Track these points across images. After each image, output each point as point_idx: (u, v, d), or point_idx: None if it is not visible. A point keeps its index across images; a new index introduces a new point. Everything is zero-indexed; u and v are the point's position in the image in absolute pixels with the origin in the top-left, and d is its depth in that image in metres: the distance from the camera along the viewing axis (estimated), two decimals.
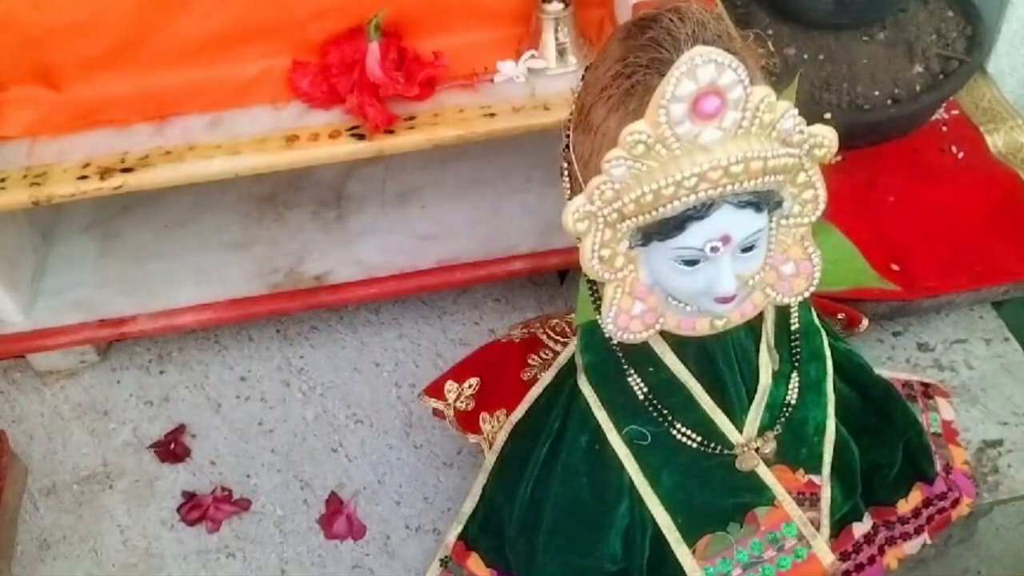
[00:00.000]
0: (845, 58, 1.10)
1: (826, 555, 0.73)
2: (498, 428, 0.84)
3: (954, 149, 1.14)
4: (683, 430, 0.69)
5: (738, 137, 0.52)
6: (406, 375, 1.08)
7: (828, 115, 1.06)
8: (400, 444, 1.01)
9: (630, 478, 0.71)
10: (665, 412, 0.68)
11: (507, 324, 1.01)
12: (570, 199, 0.57)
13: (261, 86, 0.92)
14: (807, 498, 0.73)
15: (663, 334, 0.65)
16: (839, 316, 0.89)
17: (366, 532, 0.94)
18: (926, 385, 0.94)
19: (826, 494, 0.74)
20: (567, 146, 0.61)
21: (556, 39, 0.92)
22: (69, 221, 1.14)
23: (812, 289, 0.63)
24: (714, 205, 0.54)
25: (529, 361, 0.86)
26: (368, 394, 1.06)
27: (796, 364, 0.70)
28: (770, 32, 1.12)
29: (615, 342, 0.65)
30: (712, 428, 0.69)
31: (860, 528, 0.79)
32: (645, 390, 0.68)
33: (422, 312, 1.13)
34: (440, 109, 0.90)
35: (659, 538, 0.72)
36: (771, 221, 0.58)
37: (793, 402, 0.70)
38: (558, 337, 0.88)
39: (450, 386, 0.88)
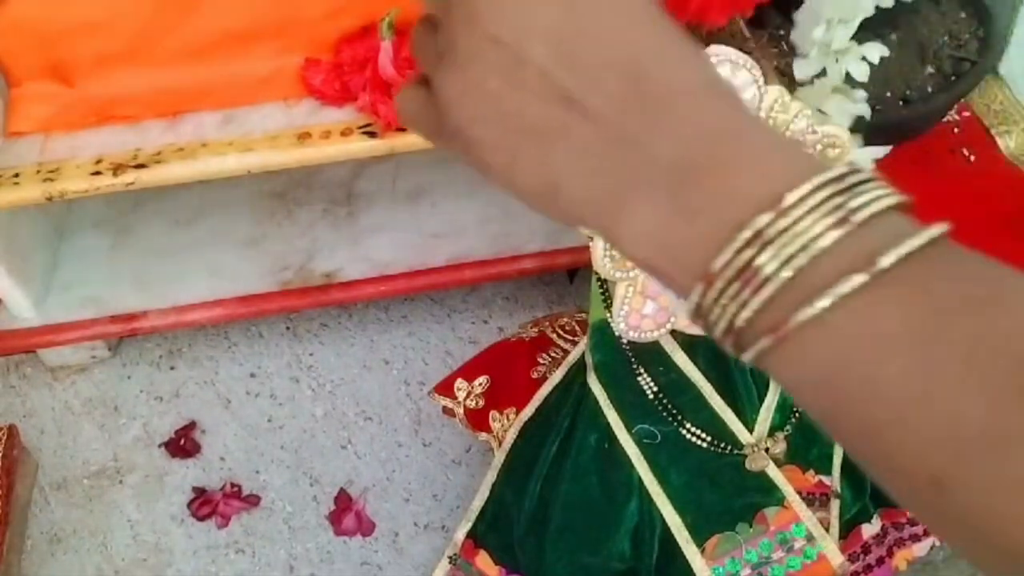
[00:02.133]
0: None
1: (835, 556, 0.73)
2: (507, 426, 0.84)
3: (965, 152, 1.13)
4: (693, 430, 0.69)
5: None
6: (415, 373, 1.08)
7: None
8: (409, 442, 1.02)
9: (639, 477, 0.71)
10: (675, 412, 0.68)
11: (516, 323, 1.01)
12: None
13: (273, 83, 0.92)
14: (817, 499, 0.73)
15: (673, 333, 0.65)
16: None
17: (375, 529, 0.95)
18: None
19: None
20: None
21: None
22: (81, 217, 1.14)
23: None
24: None
25: (539, 360, 0.86)
26: (377, 391, 1.07)
27: None
28: (782, 33, 1.12)
29: (625, 341, 0.65)
30: (722, 428, 0.69)
31: (869, 529, 0.79)
32: (655, 389, 0.68)
33: (431, 310, 1.14)
34: None
35: (668, 537, 0.72)
36: None
37: None
38: (568, 336, 0.88)
39: (460, 384, 0.88)
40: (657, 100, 0.34)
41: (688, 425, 0.68)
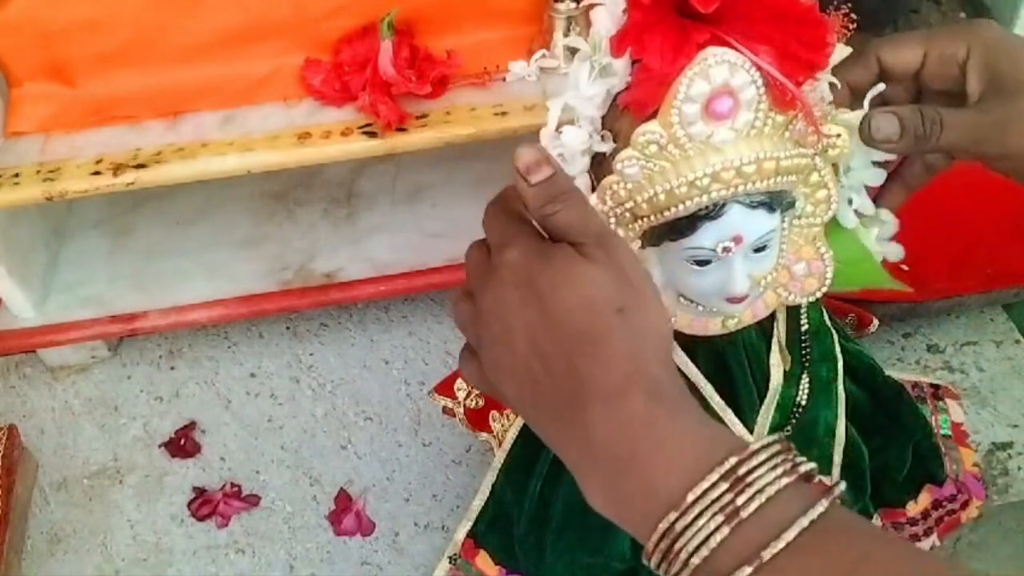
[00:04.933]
0: None
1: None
2: (508, 426, 0.84)
3: None
4: None
5: (751, 137, 0.52)
6: (415, 373, 1.08)
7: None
8: (409, 442, 1.02)
9: None
10: None
11: None
12: None
13: (273, 83, 0.92)
14: None
15: (674, 333, 0.65)
16: (849, 317, 0.89)
17: (375, 529, 0.95)
18: (935, 387, 0.94)
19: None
20: None
21: (567, 38, 0.92)
22: (81, 217, 1.14)
23: (824, 289, 0.63)
24: (726, 205, 0.54)
25: None
26: (377, 391, 1.07)
27: (806, 365, 0.70)
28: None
29: None
30: None
31: None
32: None
33: (432, 310, 1.14)
34: (452, 107, 0.90)
35: None
36: (783, 221, 0.58)
37: (804, 403, 0.70)
38: None
39: (460, 384, 0.88)
40: (587, 395, 0.43)
41: None
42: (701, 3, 0.47)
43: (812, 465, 0.42)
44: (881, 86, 0.59)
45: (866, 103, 0.58)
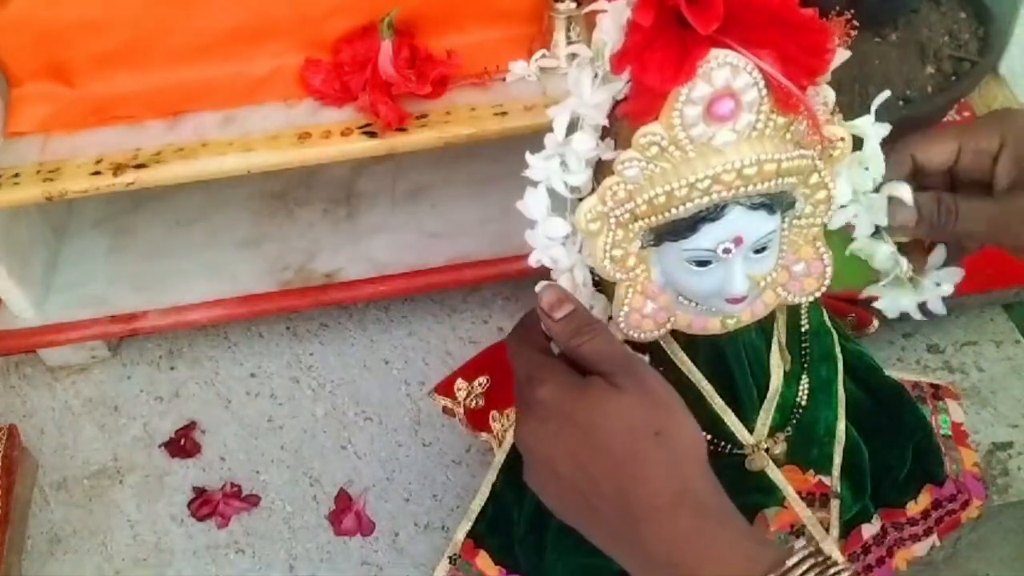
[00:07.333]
0: (856, 59, 1.09)
1: (835, 556, 0.72)
2: (508, 426, 0.84)
3: None
4: None
5: (752, 139, 0.52)
6: (415, 373, 1.08)
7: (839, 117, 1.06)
8: (409, 442, 1.02)
9: None
10: None
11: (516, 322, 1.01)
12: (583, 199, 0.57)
13: (273, 83, 0.92)
14: (817, 499, 0.73)
15: (674, 333, 0.65)
16: (849, 317, 0.89)
17: (375, 529, 0.95)
18: (935, 387, 0.94)
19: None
20: None
21: (568, 38, 0.92)
22: (81, 217, 1.14)
23: (823, 289, 0.63)
24: (727, 207, 0.54)
25: None
26: (377, 392, 1.07)
27: (806, 365, 0.70)
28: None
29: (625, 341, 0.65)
30: (722, 428, 0.69)
31: (869, 529, 0.79)
32: None
33: (432, 310, 1.14)
34: (452, 107, 0.90)
35: None
36: (783, 221, 0.58)
37: (804, 403, 0.70)
38: None
39: (460, 384, 0.88)
40: (638, 513, 0.48)
41: None
42: (701, 25, 0.47)
43: (848, 574, 0.46)
44: (887, 93, 0.59)
45: (872, 106, 0.59)
